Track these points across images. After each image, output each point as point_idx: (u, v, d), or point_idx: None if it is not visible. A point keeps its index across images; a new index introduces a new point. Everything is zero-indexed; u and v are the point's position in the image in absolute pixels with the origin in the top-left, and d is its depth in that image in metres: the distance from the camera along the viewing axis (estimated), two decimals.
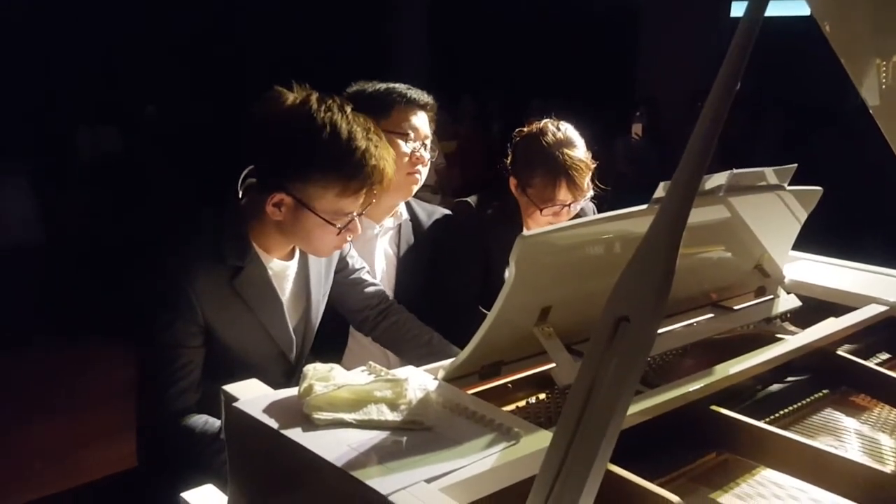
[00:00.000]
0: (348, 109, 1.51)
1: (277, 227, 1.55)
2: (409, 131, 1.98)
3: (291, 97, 1.50)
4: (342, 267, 1.85)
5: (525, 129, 2.17)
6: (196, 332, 1.52)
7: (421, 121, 2.01)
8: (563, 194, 2.06)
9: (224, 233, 1.54)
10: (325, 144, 1.45)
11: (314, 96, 1.50)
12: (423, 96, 2.02)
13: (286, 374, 1.69)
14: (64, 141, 7.76)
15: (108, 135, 7.96)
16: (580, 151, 2.07)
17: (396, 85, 2.01)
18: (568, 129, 2.12)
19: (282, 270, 1.65)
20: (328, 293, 1.81)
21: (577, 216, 2.23)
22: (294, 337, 1.69)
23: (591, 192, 2.09)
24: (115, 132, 7.98)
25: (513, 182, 2.16)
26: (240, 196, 1.59)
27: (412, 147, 1.98)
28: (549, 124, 2.12)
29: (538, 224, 2.13)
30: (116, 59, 8.62)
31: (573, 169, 2.02)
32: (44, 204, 6.85)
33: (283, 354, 1.67)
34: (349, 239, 1.60)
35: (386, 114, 1.95)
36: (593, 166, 2.09)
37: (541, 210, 2.08)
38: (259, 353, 1.62)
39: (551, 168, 2.04)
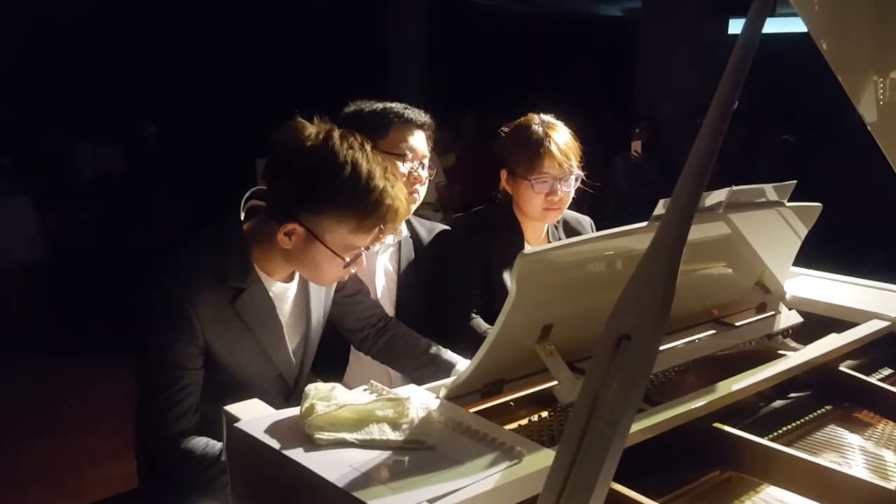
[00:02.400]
0: (368, 147, 1.53)
1: (284, 254, 1.55)
2: (407, 151, 1.98)
3: (314, 130, 1.51)
4: (341, 286, 1.85)
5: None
6: (196, 353, 1.52)
7: (418, 140, 2.02)
8: (549, 164, 2.07)
9: (227, 254, 1.54)
10: (345, 182, 1.47)
11: (336, 133, 1.51)
12: (420, 116, 2.02)
13: (285, 395, 1.69)
14: (64, 159, 7.80)
15: (107, 152, 8.00)
16: (560, 127, 2.14)
17: (393, 105, 2.02)
18: (549, 117, 2.18)
19: (282, 292, 1.65)
20: (328, 313, 1.81)
21: (577, 234, 2.24)
22: (293, 360, 1.69)
23: (578, 171, 2.11)
24: (115, 150, 8.01)
25: (503, 175, 2.17)
26: (241, 217, 1.59)
27: (410, 167, 1.98)
28: (530, 114, 2.19)
29: (534, 212, 2.12)
30: (114, 77, 8.66)
31: (555, 138, 2.08)
32: (45, 222, 6.88)
33: (282, 376, 1.67)
34: (353, 270, 1.61)
35: (383, 134, 1.96)
36: (578, 145, 2.14)
37: (531, 183, 2.07)
38: (258, 375, 1.62)
39: (533, 139, 2.09)
